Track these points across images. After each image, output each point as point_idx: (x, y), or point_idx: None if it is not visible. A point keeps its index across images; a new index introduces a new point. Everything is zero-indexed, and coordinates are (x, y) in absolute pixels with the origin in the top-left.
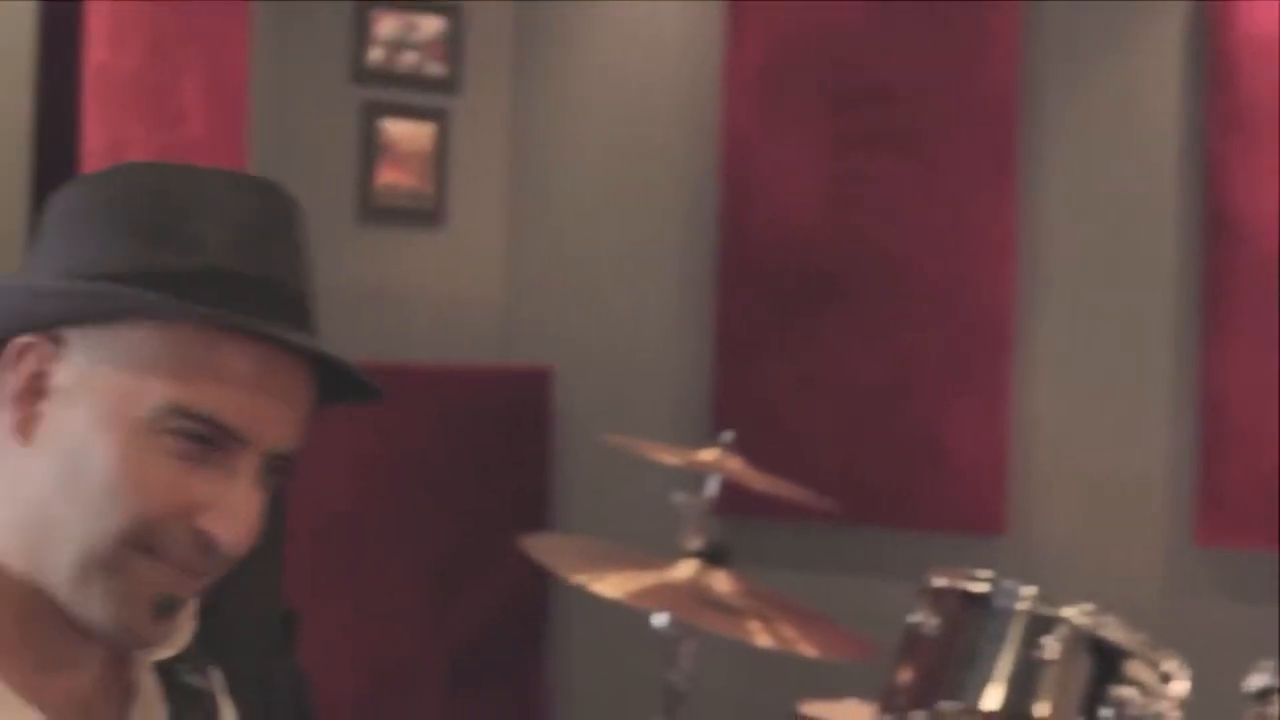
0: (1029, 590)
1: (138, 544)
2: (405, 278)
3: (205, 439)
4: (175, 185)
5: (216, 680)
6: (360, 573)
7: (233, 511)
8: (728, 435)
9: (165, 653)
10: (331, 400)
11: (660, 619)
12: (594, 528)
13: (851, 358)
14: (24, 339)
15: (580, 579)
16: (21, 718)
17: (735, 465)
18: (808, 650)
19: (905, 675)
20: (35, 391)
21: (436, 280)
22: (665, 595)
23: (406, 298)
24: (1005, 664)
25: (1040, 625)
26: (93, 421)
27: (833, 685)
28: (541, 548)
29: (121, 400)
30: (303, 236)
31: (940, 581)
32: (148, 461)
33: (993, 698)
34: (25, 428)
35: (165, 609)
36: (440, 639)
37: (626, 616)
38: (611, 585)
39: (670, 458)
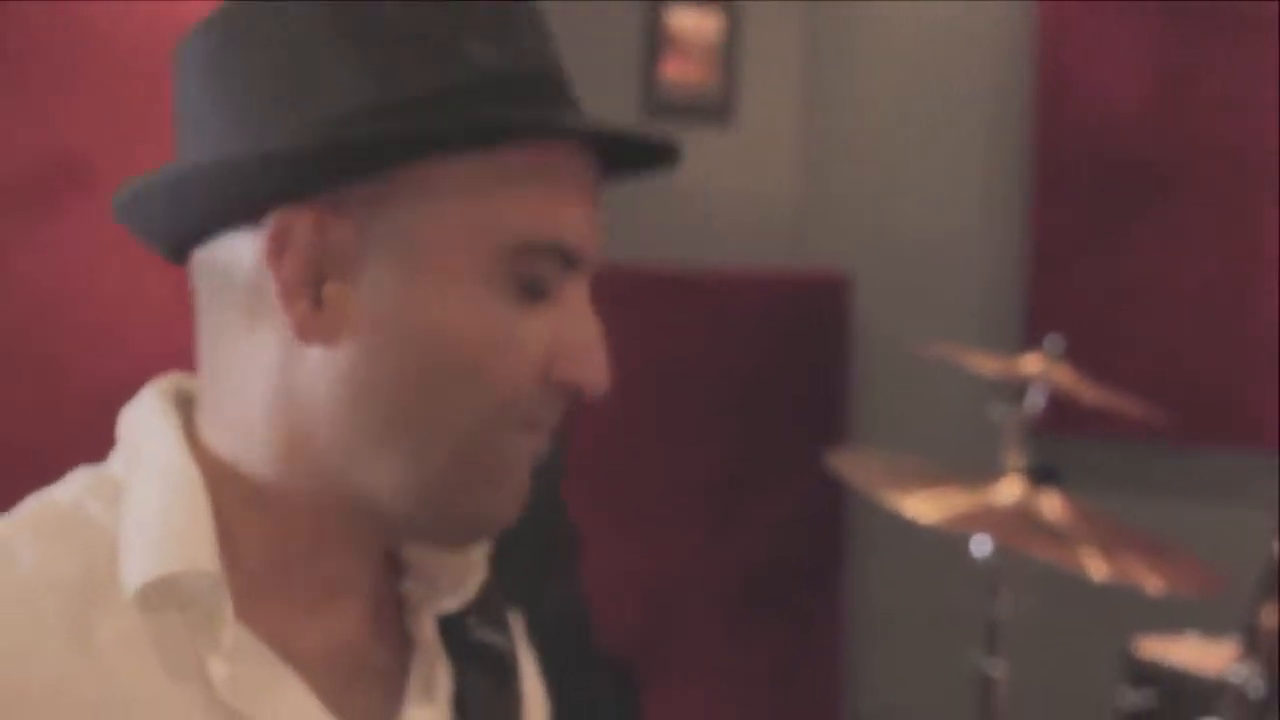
0: None
1: (508, 418)
2: (692, 177)
3: (545, 277)
4: None
5: (516, 628)
6: (640, 489)
7: (590, 350)
8: (1055, 341)
9: (451, 605)
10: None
11: (981, 545)
12: (895, 444)
13: (1186, 258)
14: (285, 214)
15: (890, 499)
16: (272, 671)
17: (1064, 375)
18: (1153, 583)
19: (1270, 617)
20: (317, 276)
21: (725, 180)
22: (987, 519)
23: (693, 198)
24: None
25: None
26: (421, 290)
27: (1166, 619)
28: (845, 464)
29: (454, 255)
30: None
31: None
32: (499, 320)
33: None
34: (311, 324)
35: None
36: (723, 561)
37: (937, 540)
38: (926, 507)
39: (990, 367)
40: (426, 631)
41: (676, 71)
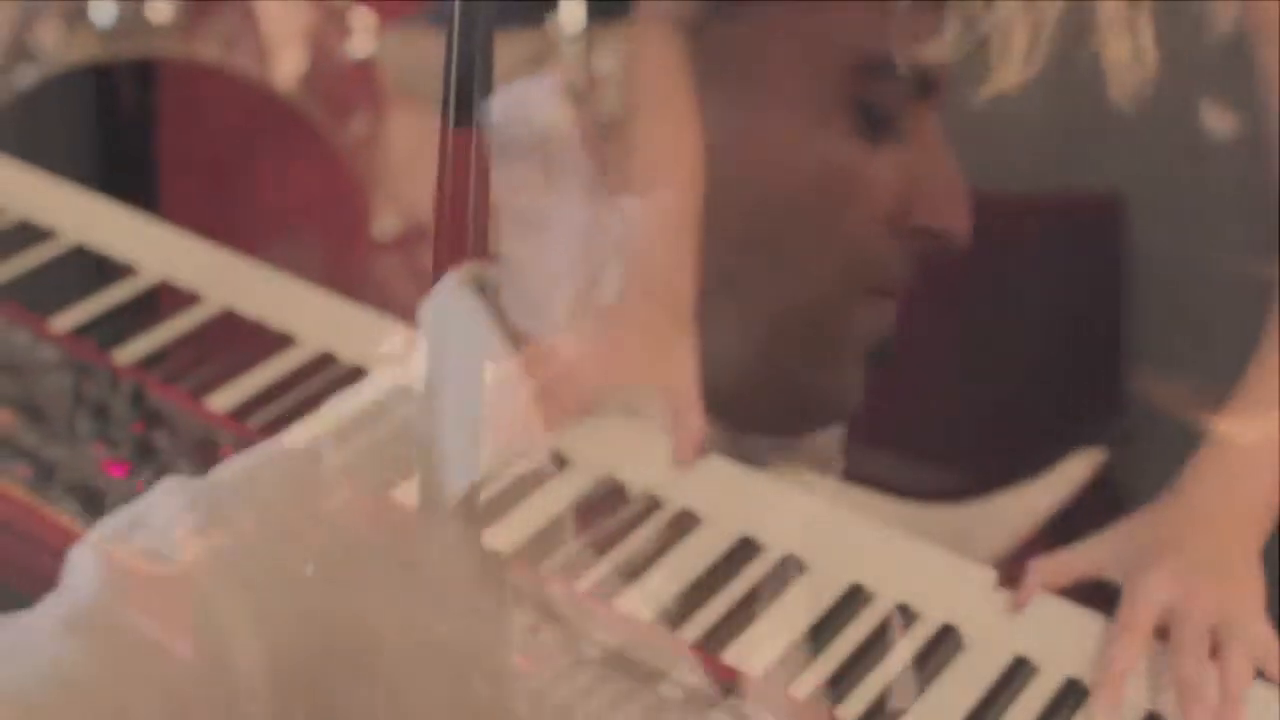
0: None
1: (855, 280)
2: (948, 98)
3: (895, 106)
4: None
5: None
6: (915, 427)
7: (950, 192)
8: None
9: None
10: None
11: None
12: (1181, 369)
13: None
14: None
15: (1207, 428)
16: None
17: None
18: None
19: None
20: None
21: (984, 101)
22: None
23: (952, 120)
24: None
25: None
26: (751, 120)
27: None
28: (1147, 389)
29: (788, 76)
30: None
31: None
32: (844, 156)
33: None
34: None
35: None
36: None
37: None
38: (1240, 430)
39: None
40: None
41: None
